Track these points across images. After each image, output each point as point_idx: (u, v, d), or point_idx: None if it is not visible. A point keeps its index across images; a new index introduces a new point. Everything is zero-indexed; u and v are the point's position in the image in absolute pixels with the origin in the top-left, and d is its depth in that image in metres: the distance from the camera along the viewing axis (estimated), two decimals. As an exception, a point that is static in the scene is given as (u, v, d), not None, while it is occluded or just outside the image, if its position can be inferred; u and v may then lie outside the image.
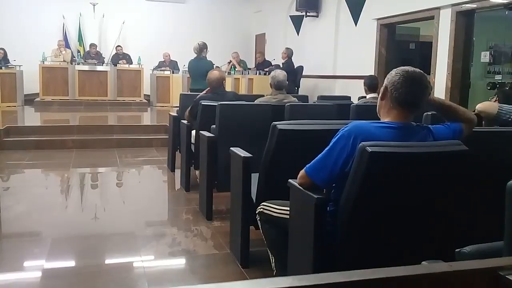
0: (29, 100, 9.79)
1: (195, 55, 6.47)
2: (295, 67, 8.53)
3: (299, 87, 8.81)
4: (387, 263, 0.92)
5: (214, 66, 6.73)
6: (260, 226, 2.42)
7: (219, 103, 3.63)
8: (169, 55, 10.73)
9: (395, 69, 1.86)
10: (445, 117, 2.05)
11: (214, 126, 3.59)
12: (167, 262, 2.90)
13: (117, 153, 6.15)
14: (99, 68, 10.27)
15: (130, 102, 10.29)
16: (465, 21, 5.84)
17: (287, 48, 8.60)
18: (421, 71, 1.86)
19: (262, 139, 2.50)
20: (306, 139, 2.35)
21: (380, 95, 1.90)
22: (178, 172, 4.86)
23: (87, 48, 11.01)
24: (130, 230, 3.35)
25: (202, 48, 6.40)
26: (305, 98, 5.28)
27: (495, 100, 3.07)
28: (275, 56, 9.45)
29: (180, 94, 5.62)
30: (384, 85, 1.88)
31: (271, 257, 2.41)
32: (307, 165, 1.88)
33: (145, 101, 10.43)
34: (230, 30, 12.17)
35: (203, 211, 3.62)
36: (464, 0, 5.66)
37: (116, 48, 10.99)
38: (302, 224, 1.93)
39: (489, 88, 5.45)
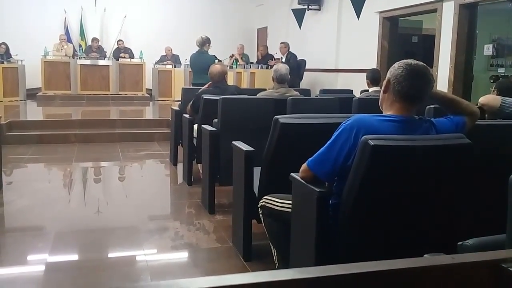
0: (31, 94, 9.79)
1: (197, 49, 6.43)
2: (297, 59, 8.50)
3: (301, 80, 8.79)
4: (389, 256, 0.92)
5: (216, 60, 6.69)
6: (262, 220, 2.43)
7: (221, 97, 3.63)
8: (171, 49, 10.71)
9: (398, 62, 1.86)
10: (447, 110, 2.05)
11: (216, 120, 3.59)
12: (169, 255, 2.91)
13: (120, 147, 6.16)
14: (101, 62, 10.25)
15: (132, 96, 10.29)
16: (468, 14, 5.81)
17: (283, 43, 8.55)
18: (424, 64, 1.85)
19: (264, 133, 2.50)
20: (308, 132, 2.34)
21: (382, 88, 1.89)
22: (180, 166, 4.87)
23: (89, 43, 10.96)
24: (132, 224, 3.36)
25: (204, 42, 6.35)
26: (307, 91, 5.27)
27: (497, 94, 3.06)
28: (277, 50, 9.41)
29: (182, 88, 5.62)
30: (386, 78, 1.87)
31: (273, 251, 2.41)
32: (309, 159, 1.88)
33: (147, 95, 10.43)
34: (232, 24, 12.11)
35: (206, 205, 3.63)
36: (467, -8, 5.63)
37: (117, 42, 10.96)
38: (304, 217, 1.94)
39: (492, 81, 5.44)
